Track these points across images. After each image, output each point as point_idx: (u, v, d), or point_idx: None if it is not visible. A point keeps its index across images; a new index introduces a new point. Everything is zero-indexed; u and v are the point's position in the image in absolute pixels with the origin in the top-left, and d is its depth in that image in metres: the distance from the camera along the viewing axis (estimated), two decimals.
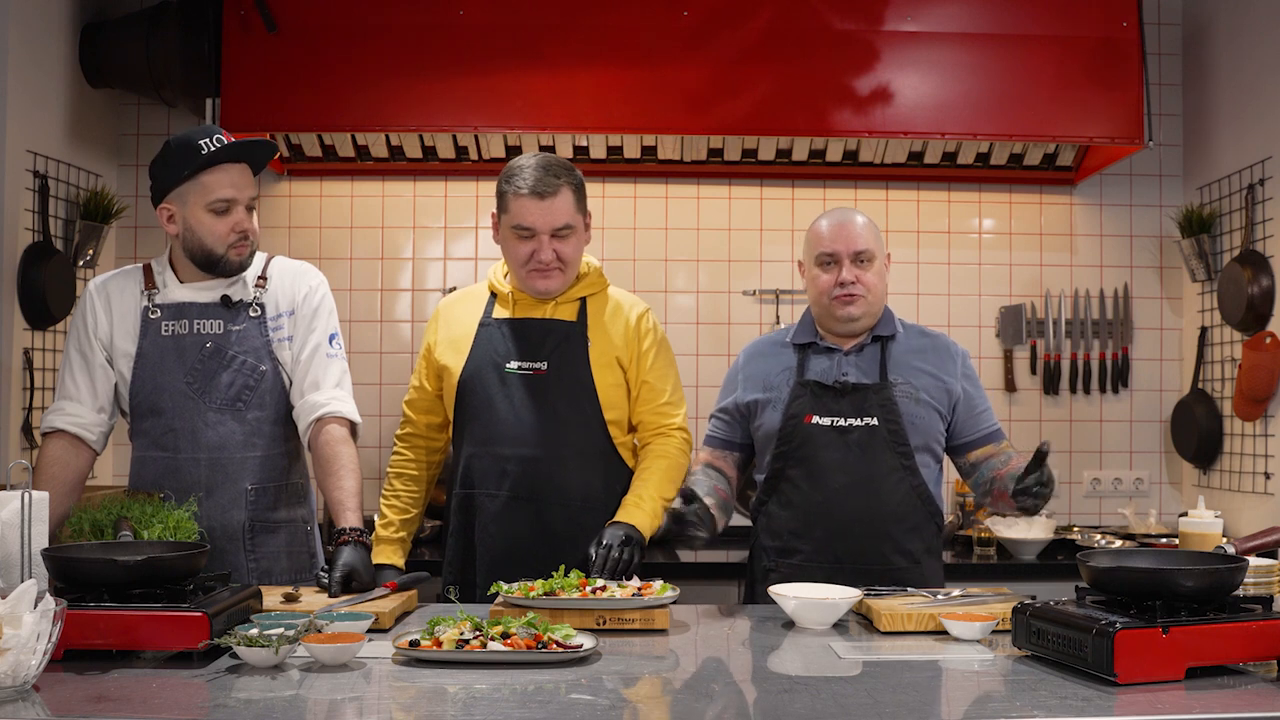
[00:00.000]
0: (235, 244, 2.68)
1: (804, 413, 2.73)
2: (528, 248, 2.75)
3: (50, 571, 2.10)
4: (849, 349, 2.78)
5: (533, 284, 2.79)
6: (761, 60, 3.77)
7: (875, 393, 2.71)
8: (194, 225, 2.66)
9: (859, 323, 2.76)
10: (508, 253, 2.81)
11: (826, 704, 1.78)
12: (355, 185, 4.26)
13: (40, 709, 1.71)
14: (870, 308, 2.76)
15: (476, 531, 2.79)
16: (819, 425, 2.71)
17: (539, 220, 2.72)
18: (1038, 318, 4.31)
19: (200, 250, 2.67)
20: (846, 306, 2.74)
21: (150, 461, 2.72)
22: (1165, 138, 4.26)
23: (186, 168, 2.62)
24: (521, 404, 2.77)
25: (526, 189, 2.72)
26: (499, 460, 2.77)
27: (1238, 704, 1.79)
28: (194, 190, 2.64)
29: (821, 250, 2.77)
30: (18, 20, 3.51)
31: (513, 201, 2.75)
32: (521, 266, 2.77)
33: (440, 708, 1.77)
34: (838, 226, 2.77)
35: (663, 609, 2.35)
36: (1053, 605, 2.07)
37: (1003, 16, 3.82)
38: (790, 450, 2.74)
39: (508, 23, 3.75)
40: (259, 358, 2.72)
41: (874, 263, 2.76)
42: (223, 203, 2.65)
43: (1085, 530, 4.05)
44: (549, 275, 2.77)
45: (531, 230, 2.73)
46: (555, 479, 2.75)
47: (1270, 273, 3.77)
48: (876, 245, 2.77)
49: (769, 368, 2.83)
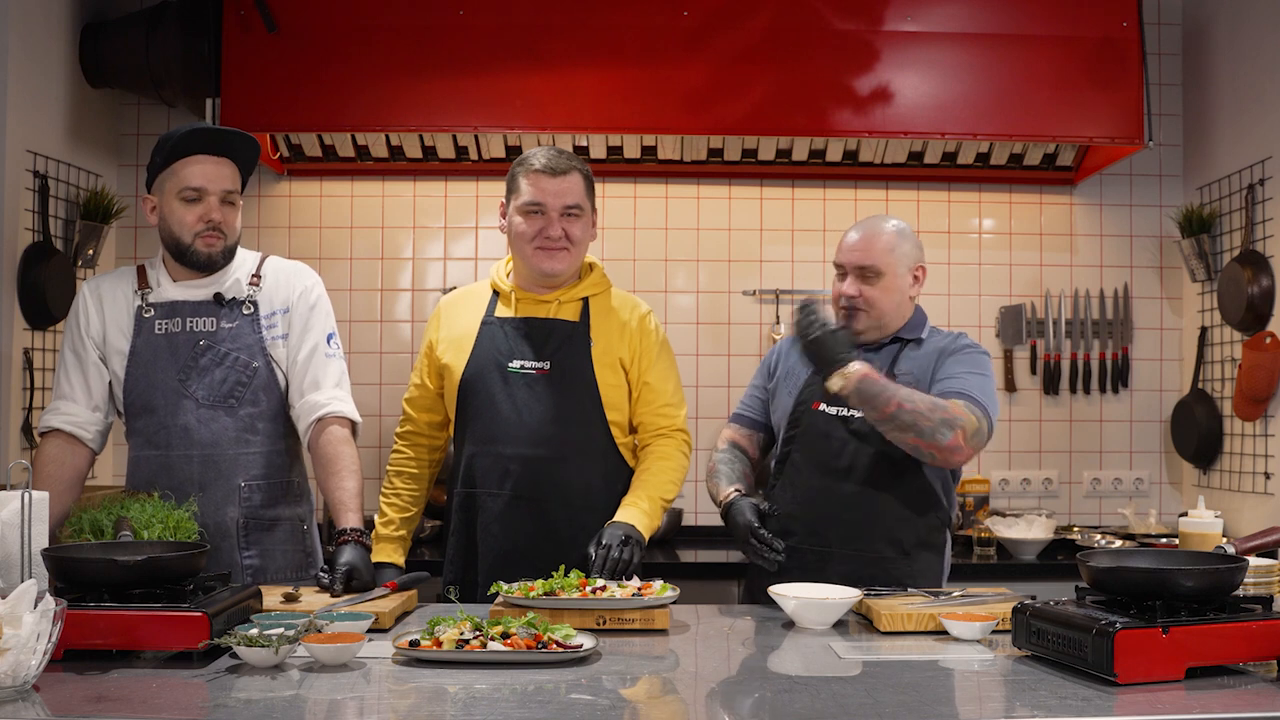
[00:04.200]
0: (203, 234, 2.66)
1: (812, 399, 2.78)
2: (537, 224, 2.75)
3: (50, 571, 2.10)
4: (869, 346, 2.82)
5: (539, 264, 2.77)
6: (761, 60, 3.77)
7: None
8: (166, 214, 2.68)
9: (863, 335, 2.79)
10: (515, 234, 2.78)
11: (826, 704, 1.78)
12: (355, 185, 4.26)
13: (40, 709, 1.71)
14: (873, 322, 2.78)
15: (478, 531, 2.79)
16: (825, 413, 2.76)
17: (551, 196, 2.73)
18: (1038, 318, 4.31)
19: (170, 239, 2.69)
20: (847, 319, 2.78)
21: (144, 460, 2.72)
22: (1165, 138, 4.26)
23: (160, 155, 2.66)
24: (524, 403, 2.77)
25: (540, 165, 2.75)
26: (501, 459, 2.76)
27: (1238, 704, 1.79)
28: (169, 179, 2.67)
29: (836, 259, 2.83)
30: (18, 20, 3.51)
31: (524, 179, 2.76)
32: (529, 244, 2.76)
33: (440, 708, 1.77)
34: (855, 238, 2.80)
35: (663, 609, 2.35)
36: (1053, 605, 2.07)
37: (1003, 16, 3.82)
38: (797, 435, 2.80)
39: (508, 23, 3.75)
40: (252, 354, 2.72)
41: (882, 279, 2.76)
42: (192, 191, 2.64)
43: (1085, 530, 4.05)
44: (556, 254, 2.76)
45: (542, 206, 2.74)
46: (558, 478, 2.75)
47: (1270, 273, 3.77)
48: (889, 262, 2.76)
49: (795, 355, 2.86)
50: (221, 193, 2.68)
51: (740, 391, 3.14)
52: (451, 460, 2.92)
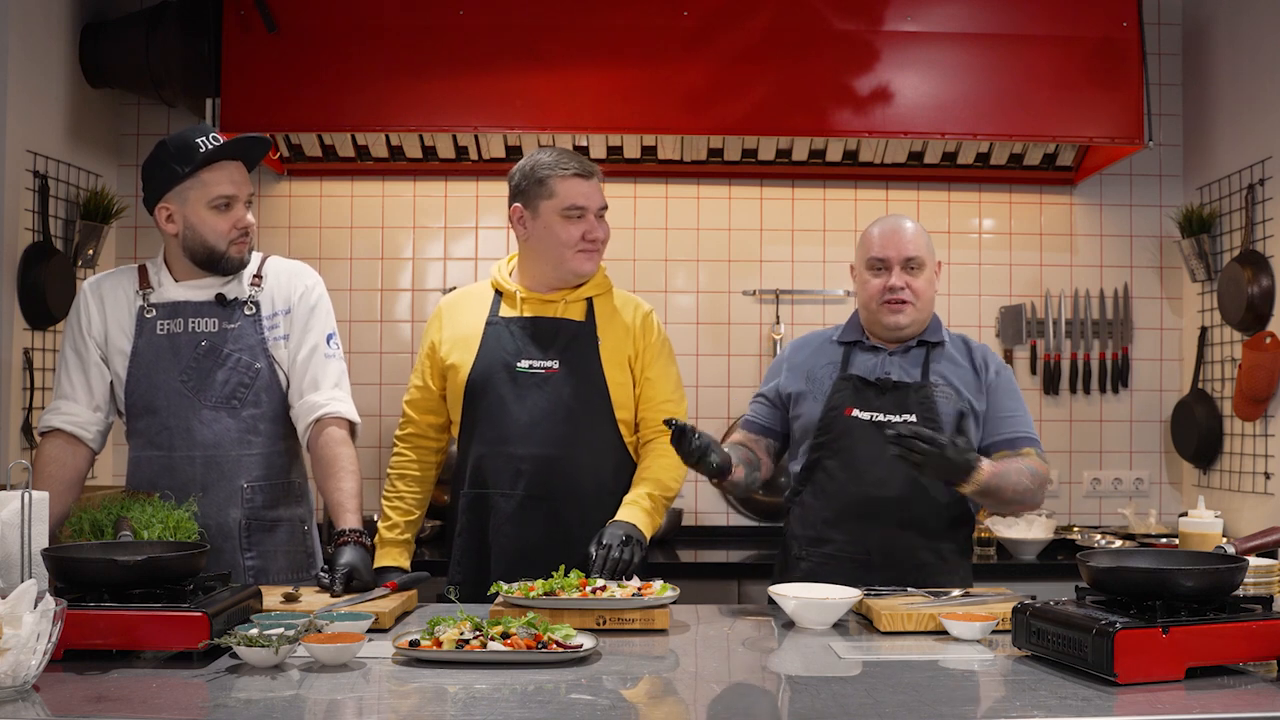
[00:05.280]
0: (236, 240, 2.69)
1: (844, 405, 2.74)
2: (579, 228, 2.78)
3: (50, 571, 2.10)
4: (894, 350, 2.80)
5: (579, 265, 2.81)
6: (761, 60, 3.77)
7: (915, 391, 2.72)
8: (195, 224, 2.66)
9: (906, 330, 2.77)
10: (553, 238, 2.79)
11: (826, 704, 1.78)
12: (355, 185, 4.26)
13: (40, 709, 1.71)
14: (918, 315, 2.77)
15: (490, 532, 2.78)
16: (858, 419, 2.72)
17: (590, 198, 2.80)
18: (1038, 318, 4.31)
19: (202, 248, 2.68)
20: (895, 314, 2.74)
21: (146, 460, 2.72)
22: (1165, 138, 4.26)
23: (186, 166, 2.63)
24: (534, 403, 2.77)
25: (575, 169, 2.78)
26: (512, 460, 2.76)
27: (1238, 704, 1.79)
28: (194, 188, 2.64)
29: (872, 255, 2.78)
30: (18, 20, 3.51)
31: (560, 184, 2.77)
32: (570, 248, 2.79)
33: (440, 708, 1.77)
34: (890, 232, 2.79)
35: (663, 609, 2.35)
36: (1053, 605, 2.06)
37: (1002, 16, 3.82)
38: (829, 441, 2.74)
39: (508, 23, 3.75)
40: (254, 355, 2.72)
41: (924, 270, 2.76)
42: (224, 199, 2.65)
43: (1085, 530, 4.05)
44: (594, 255, 2.82)
45: (583, 209, 2.78)
46: (570, 478, 2.75)
47: (1270, 273, 3.77)
48: (928, 253, 2.78)
49: (814, 360, 2.84)
50: (247, 196, 2.70)
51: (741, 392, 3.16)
52: (455, 461, 2.92)
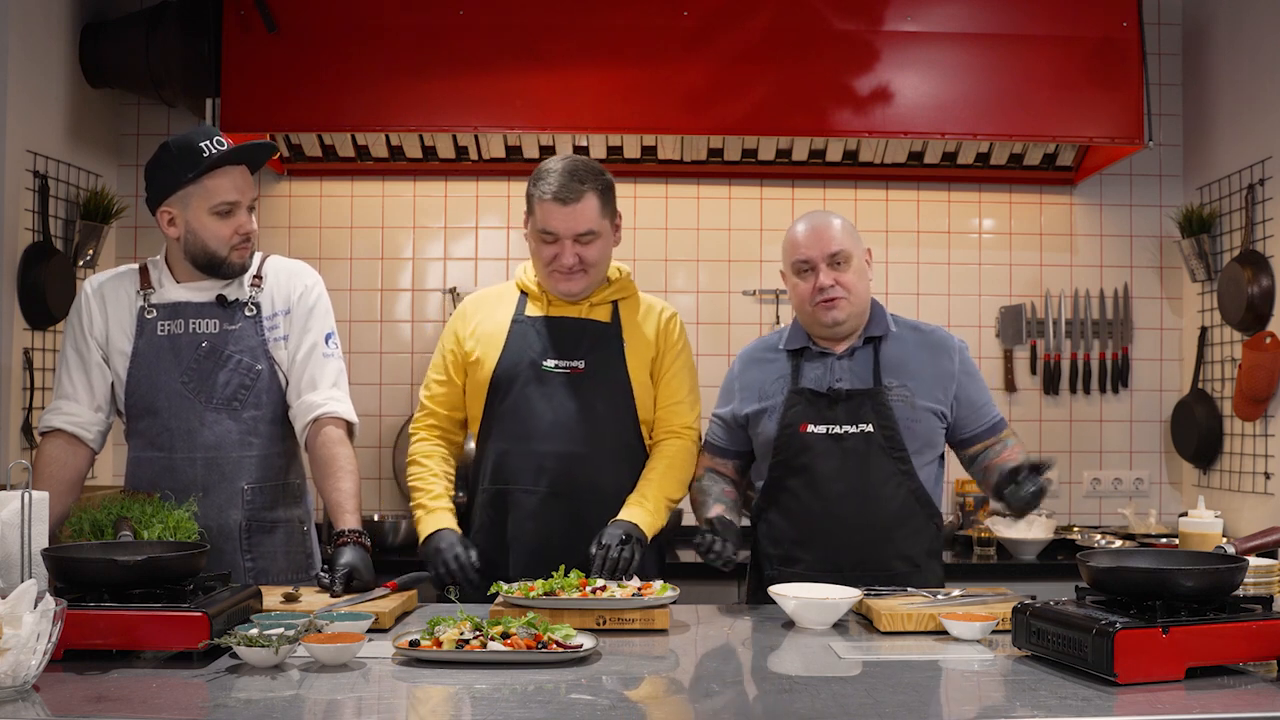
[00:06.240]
0: (238, 246, 2.68)
1: (799, 421, 2.71)
2: (550, 251, 2.77)
3: (50, 571, 2.10)
4: (841, 353, 2.76)
5: (555, 286, 2.81)
6: (761, 60, 3.77)
7: (870, 398, 2.69)
8: (197, 228, 2.66)
9: (844, 325, 2.74)
10: (533, 254, 2.84)
11: (826, 704, 1.78)
12: (355, 185, 4.26)
13: (40, 709, 1.71)
14: (854, 308, 2.74)
15: (510, 528, 2.78)
16: (814, 434, 2.70)
17: (561, 225, 2.74)
18: (1038, 318, 4.31)
19: (203, 253, 2.67)
20: (829, 311, 2.71)
21: (146, 461, 2.72)
22: (1165, 138, 4.26)
23: (189, 171, 2.62)
24: (559, 401, 2.77)
25: (550, 194, 2.73)
26: (536, 456, 2.76)
27: (1238, 704, 1.79)
28: (197, 194, 2.64)
29: (797, 257, 2.74)
30: (18, 20, 3.51)
31: (538, 206, 2.76)
32: (545, 268, 2.80)
33: (440, 708, 1.77)
34: (810, 231, 2.74)
35: (663, 609, 2.35)
36: (1053, 605, 2.06)
37: (1002, 16, 3.82)
38: (787, 459, 2.73)
39: (508, 23, 3.75)
40: (255, 357, 2.72)
41: (851, 263, 2.72)
42: (226, 205, 2.65)
43: (1085, 530, 4.05)
44: (571, 278, 2.78)
45: (555, 235, 2.75)
46: (592, 476, 2.76)
47: (1270, 273, 3.77)
48: (852, 244, 2.74)
49: (764, 376, 2.82)
50: (250, 201, 2.70)
51: None
52: (472, 458, 2.91)
